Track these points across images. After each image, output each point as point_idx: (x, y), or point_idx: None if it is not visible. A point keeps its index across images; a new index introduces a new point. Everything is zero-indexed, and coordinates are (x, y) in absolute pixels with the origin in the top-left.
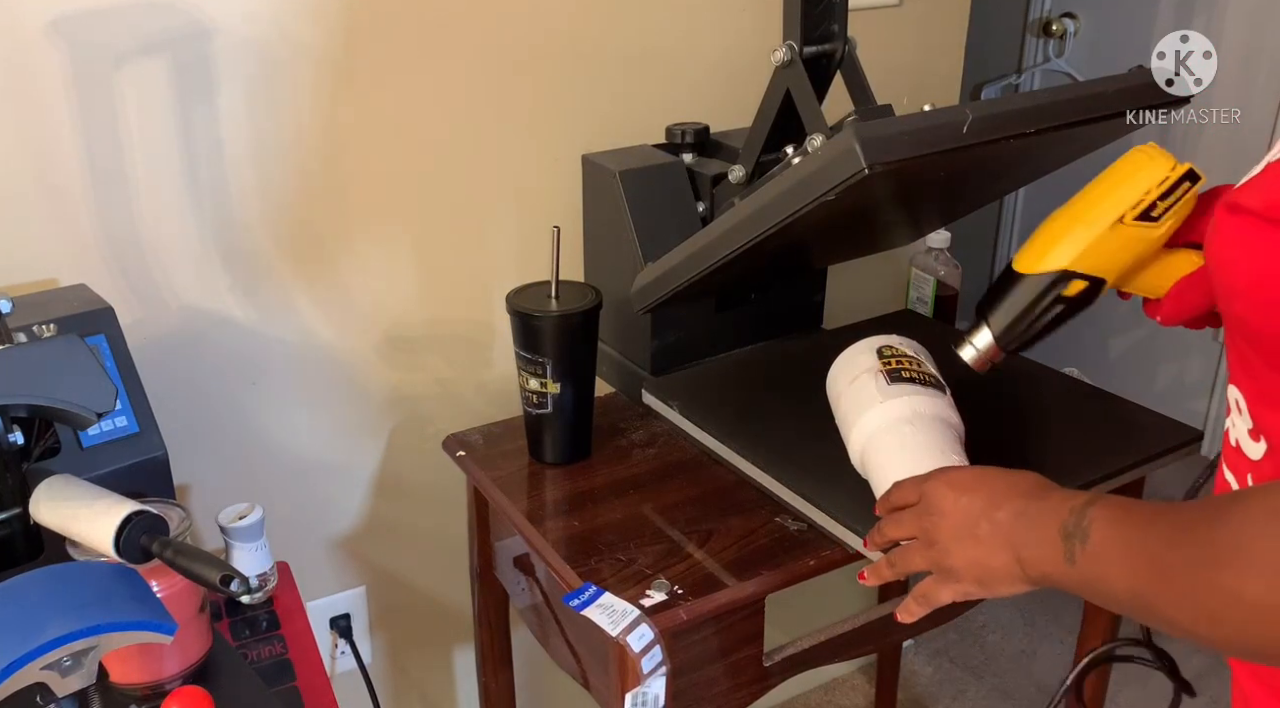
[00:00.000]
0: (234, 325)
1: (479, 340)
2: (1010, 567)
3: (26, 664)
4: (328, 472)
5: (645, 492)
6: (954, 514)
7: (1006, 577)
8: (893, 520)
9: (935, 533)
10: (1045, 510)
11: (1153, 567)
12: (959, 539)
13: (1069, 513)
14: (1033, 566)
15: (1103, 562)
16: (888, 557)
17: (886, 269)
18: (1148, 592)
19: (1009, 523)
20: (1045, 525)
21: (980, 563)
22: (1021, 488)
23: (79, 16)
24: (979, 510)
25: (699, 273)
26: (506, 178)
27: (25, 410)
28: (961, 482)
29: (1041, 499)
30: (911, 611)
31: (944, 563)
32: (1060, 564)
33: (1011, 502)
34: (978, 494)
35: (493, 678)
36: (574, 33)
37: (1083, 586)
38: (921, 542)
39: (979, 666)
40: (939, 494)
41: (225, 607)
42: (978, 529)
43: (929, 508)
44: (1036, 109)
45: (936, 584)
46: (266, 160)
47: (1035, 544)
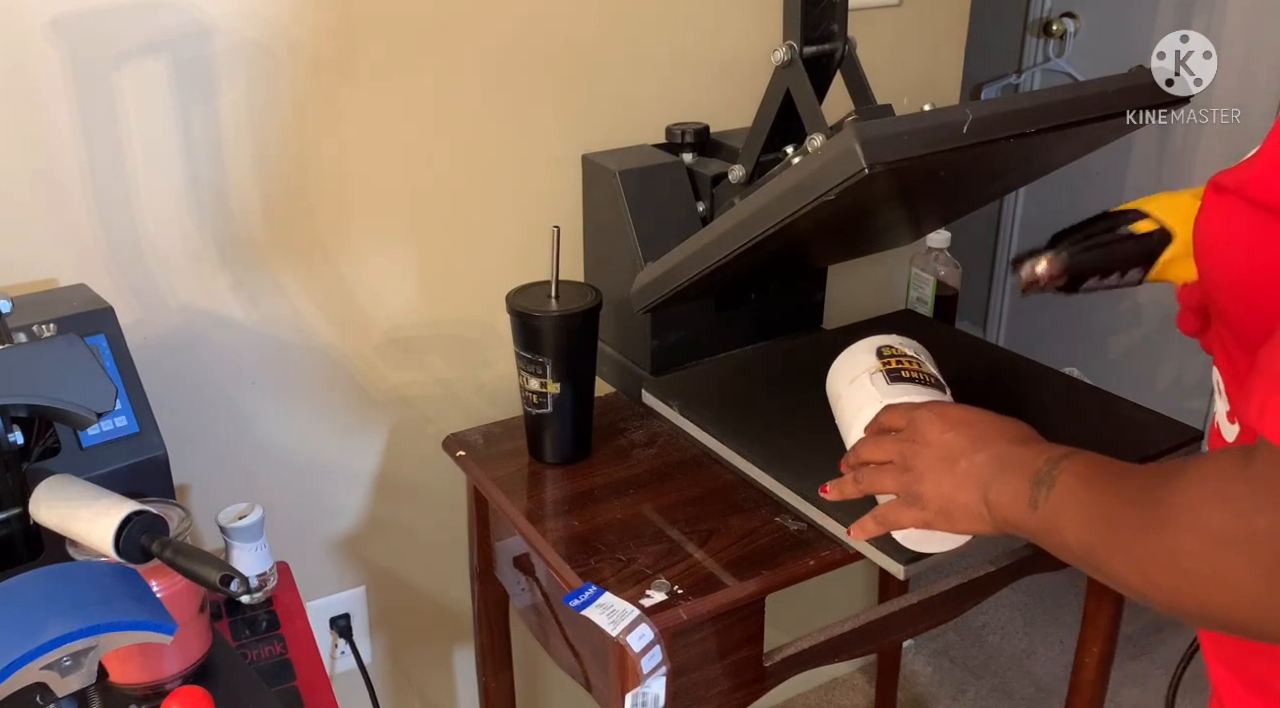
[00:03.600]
0: (234, 325)
1: (479, 340)
2: (976, 505)
3: (26, 664)
4: (328, 472)
5: (645, 492)
6: (937, 445)
7: (970, 515)
8: (873, 442)
9: (914, 459)
10: (1024, 457)
11: (1104, 523)
12: (935, 470)
13: (1044, 462)
14: (998, 508)
15: (1061, 511)
16: (855, 474)
17: (886, 269)
18: (1097, 546)
19: (986, 464)
20: (1019, 471)
21: (948, 496)
22: (1008, 434)
23: (79, 16)
24: (961, 447)
25: (699, 273)
26: (506, 178)
27: (25, 410)
28: (952, 417)
29: (1024, 446)
30: (867, 528)
31: (914, 488)
32: (1023, 509)
33: (995, 445)
34: (964, 432)
35: (493, 678)
36: (574, 33)
37: (1040, 533)
38: (897, 466)
39: (979, 666)
40: (927, 423)
41: (225, 607)
42: (956, 465)
43: (914, 435)
44: (1036, 109)
45: (900, 507)
46: (266, 160)
47: (1004, 487)
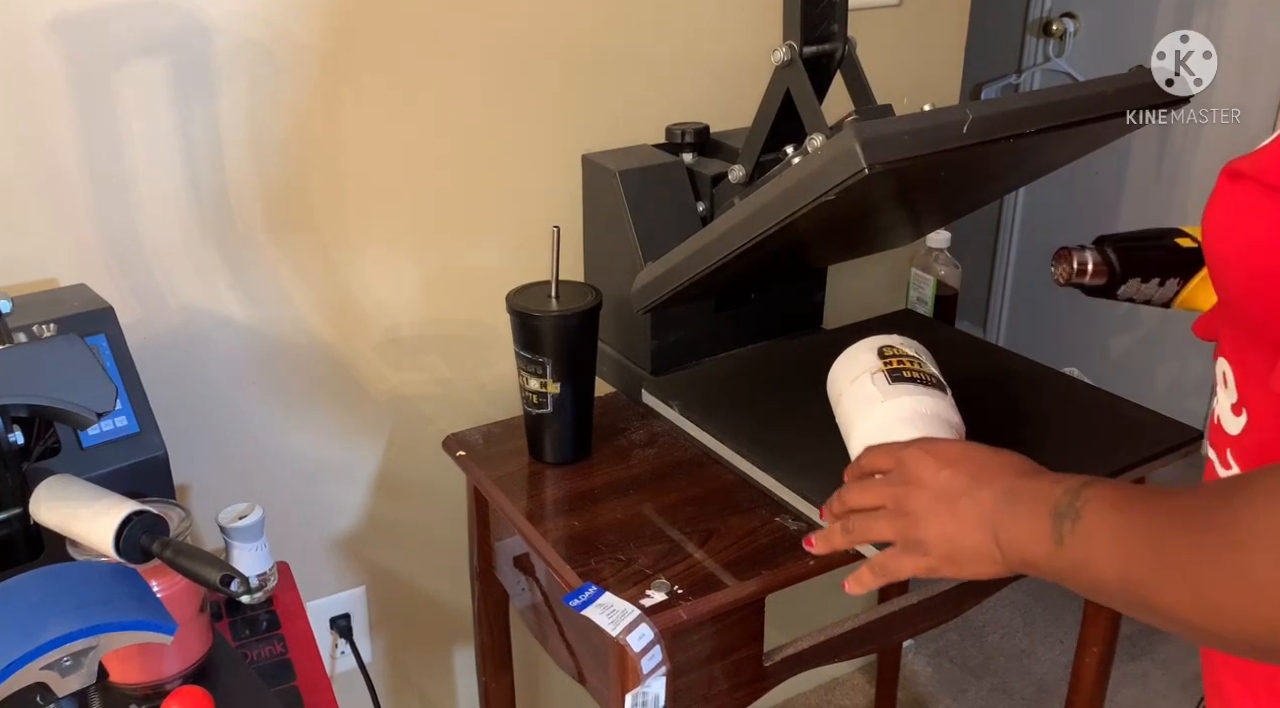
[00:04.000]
0: (234, 325)
1: (479, 340)
2: (986, 547)
3: (26, 664)
4: (328, 472)
5: (645, 492)
6: (933, 486)
7: (980, 557)
8: (859, 487)
9: (908, 502)
10: (1035, 491)
11: (1151, 549)
12: (934, 512)
13: (1063, 494)
14: (1013, 548)
15: (1093, 544)
16: (844, 522)
17: (886, 269)
18: (1142, 577)
19: (992, 502)
20: (1033, 506)
21: (952, 539)
22: (1010, 467)
23: (79, 16)
24: (961, 485)
25: (699, 273)
26: (506, 178)
27: (25, 410)
28: (946, 453)
29: (1031, 479)
30: (864, 581)
31: (912, 534)
32: (1045, 546)
33: (1000, 480)
34: (961, 468)
35: (493, 678)
36: (574, 33)
37: (1068, 570)
38: (890, 511)
39: (979, 666)
40: (918, 462)
41: (225, 607)
42: (957, 504)
43: (905, 476)
44: (1036, 109)
45: (899, 555)
46: (266, 160)
47: (1018, 524)
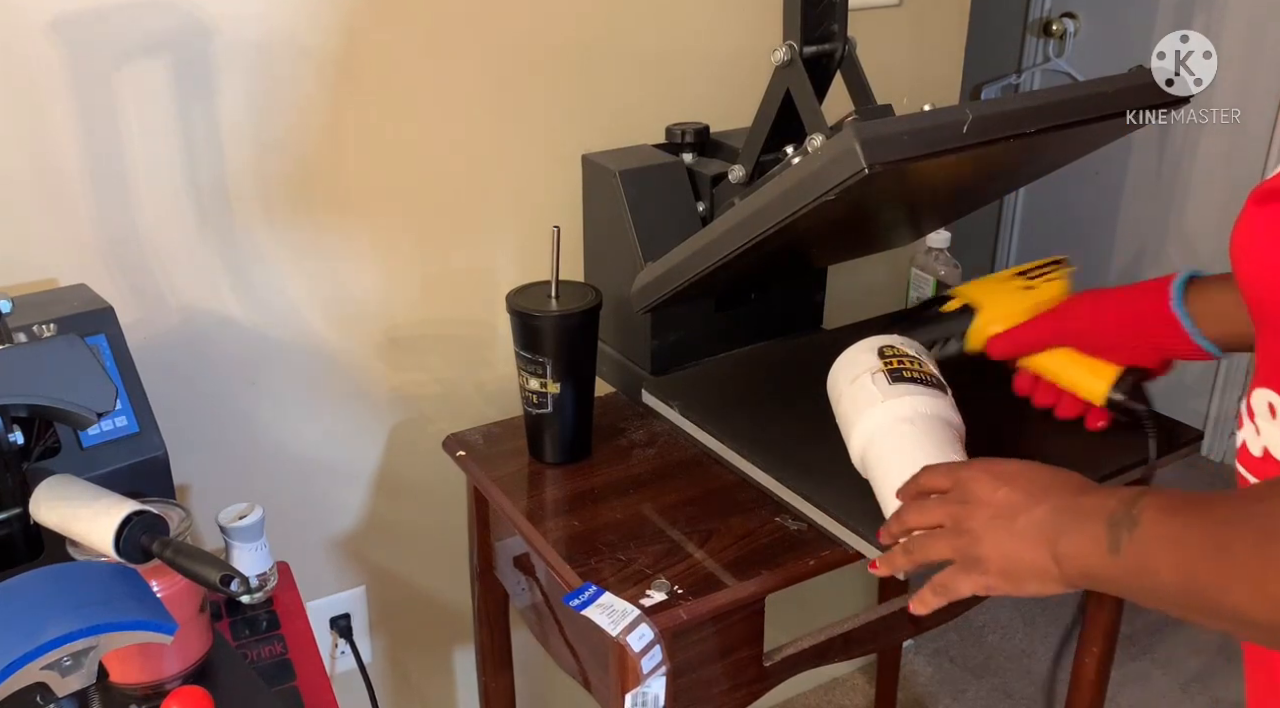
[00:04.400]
0: (234, 325)
1: (479, 340)
2: (1044, 563)
3: (26, 664)
4: (328, 472)
5: (645, 492)
6: (992, 504)
7: (1038, 574)
8: (917, 507)
9: (968, 521)
10: (1090, 505)
11: (1211, 550)
12: (993, 530)
13: (1118, 504)
14: (1070, 560)
15: (1152, 549)
16: (905, 544)
17: (886, 269)
18: (1203, 575)
19: (1049, 517)
20: (1090, 519)
21: (1012, 556)
22: (1066, 484)
23: (79, 16)
24: (1019, 503)
25: (699, 273)
26: (506, 178)
27: (25, 410)
28: (1004, 472)
29: (1087, 495)
30: (927, 602)
31: (972, 552)
32: (1102, 556)
33: (1055, 496)
34: (1018, 486)
35: (493, 678)
36: (574, 33)
37: (1127, 577)
38: (949, 530)
39: (979, 666)
40: (978, 481)
41: (225, 607)
42: (1015, 522)
43: (964, 496)
44: (1036, 109)
45: (958, 574)
46: (266, 160)
47: (1076, 538)
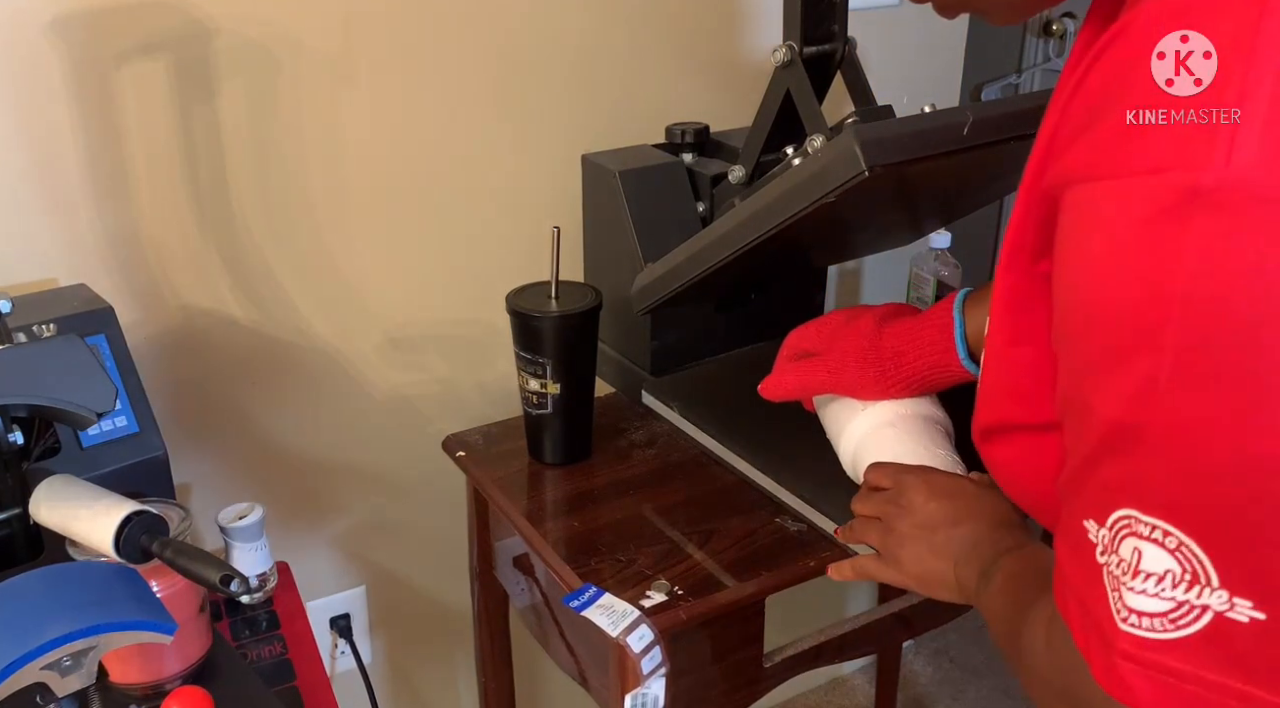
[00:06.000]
0: (234, 325)
1: (479, 340)
2: (947, 577)
3: (26, 664)
4: (328, 472)
5: (645, 492)
6: (919, 514)
7: (945, 585)
8: (863, 497)
9: (896, 522)
10: (990, 543)
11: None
12: (915, 538)
13: (995, 553)
14: (962, 584)
15: (988, 609)
16: (849, 522)
17: (886, 269)
18: (1002, 643)
19: (960, 542)
20: (979, 556)
21: (926, 564)
22: (987, 515)
23: (79, 16)
24: (942, 519)
25: (699, 273)
26: (507, 178)
27: (25, 410)
28: (940, 487)
29: (994, 530)
30: (843, 572)
31: (894, 551)
32: (973, 593)
33: (972, 523)
34: (946, 504)
35: (492, 678)
36: (574, 33)
37: (987, 617)
38: (883, 525)
39: (979, 666)
40: (915, 489)
41: (225, 607)
42: (935, 535)
43: (899, 497)
44: (1037, 110)
45: (880, 564)
46: (266, 160)
47: (965, 568)
